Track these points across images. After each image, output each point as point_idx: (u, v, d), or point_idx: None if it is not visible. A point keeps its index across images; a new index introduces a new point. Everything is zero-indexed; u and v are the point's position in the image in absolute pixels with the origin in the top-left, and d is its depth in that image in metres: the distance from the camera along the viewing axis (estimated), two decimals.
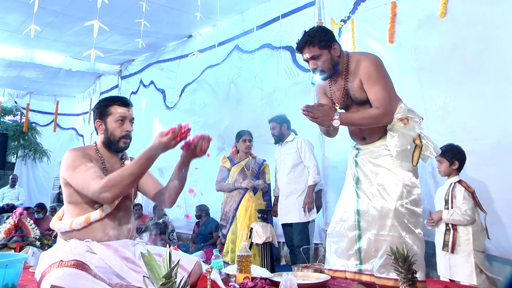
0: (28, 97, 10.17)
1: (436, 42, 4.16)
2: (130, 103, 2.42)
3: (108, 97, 2.45)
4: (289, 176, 4.53)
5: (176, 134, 2.03)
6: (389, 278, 2.19)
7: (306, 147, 4.51)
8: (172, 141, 2.04)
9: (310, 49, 2.39)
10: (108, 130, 2.33)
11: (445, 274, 3.28)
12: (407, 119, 2.36)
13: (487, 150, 3.63)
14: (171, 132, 2.02)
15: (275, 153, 4.78)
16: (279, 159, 4.68)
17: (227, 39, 6.64)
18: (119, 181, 2.06)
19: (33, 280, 2.52)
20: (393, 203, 2.25)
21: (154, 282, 1.37)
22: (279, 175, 4.69)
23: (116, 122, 2.32)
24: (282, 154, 4.63)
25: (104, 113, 2.34)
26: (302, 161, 4.50)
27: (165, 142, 2.02)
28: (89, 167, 2.17)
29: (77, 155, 2.24)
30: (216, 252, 2.84)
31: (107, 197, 2.08)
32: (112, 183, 2.06)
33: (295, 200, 4.44)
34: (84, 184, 2.13)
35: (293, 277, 2.33)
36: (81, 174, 2.15)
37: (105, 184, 2.06)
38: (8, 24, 6.57)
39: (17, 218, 3.64)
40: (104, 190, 2.06)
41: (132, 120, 2.40)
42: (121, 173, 2.09)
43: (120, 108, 2.34)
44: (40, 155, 10.81)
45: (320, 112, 2.29)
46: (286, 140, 4.63)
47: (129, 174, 2.07)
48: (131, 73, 9.02)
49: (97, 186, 2.07)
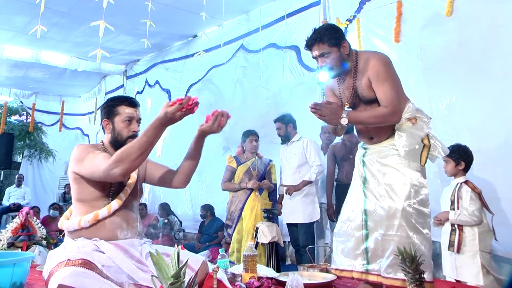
0: (34, 97, 10.22)
1: (442, 41, 4.14)
2: (137, 104, 2.43)
3: (116, 97, 2.45)
4: (294, 176, 4.53)
5: (182, 106, 2.01)
6: (397, 279, 2.18)
7: (312, 147, 4.51)
8: (178, 111, 2.02)
9: (319, 46, 2.38)
10: (116, 129, 2.34)
11: (451, 275, 3.26)
12: (415, 118, 2.35)
13: (494, 150, 3.62)
14: (178, 103, 2.01)
15: (281, 152, 4.79)
16: (285, 159, 4.68)
17: (232, 38, 6.65)
18: (128, 155, 2.04)
19: (40, 279, 2.54)
20: (400, 203, 2.24)
21: (162, 282, 1.37)
22: (284, 175, 4.69)
23: (123, 122, 2.33)
24: (288, 154, 4.63)
25: (111, 113, 2.35)
26: (307, 161, 4.51)
27: (170, 112, 2.02)
28: (97, 153, 2.20)
29: (85, 148, 2.27)
30: (222, 252, 2.84)
31: (117, 173, 2.05)
32: (120, 157, 2.04)
33: (299, 200, 4.45)
34: (94, 168, 2.13)
35: (299, 277, 2.33)
36: (89, 161, 2.17)
37: (114, 159, 2.05)
38: (14, 24, 6.61)
39: (23, 218, 3.65)
40: (113, 166, 2.04)
41: (139, 120, 2.41)
42: (130, 147, 2.07)
43: (128, 109, 2.34)
44: (46, 154, 10.87)
45: (328, 110, 2.29)
46: (292, 140, 4.63)
47: (138, 147, 2.05)
48: (136, 73, 9.04)
49: (106, 164, 2.06)
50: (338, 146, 4.61)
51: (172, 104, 2.02)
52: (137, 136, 2.35)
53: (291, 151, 4.61)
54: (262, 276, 2.66)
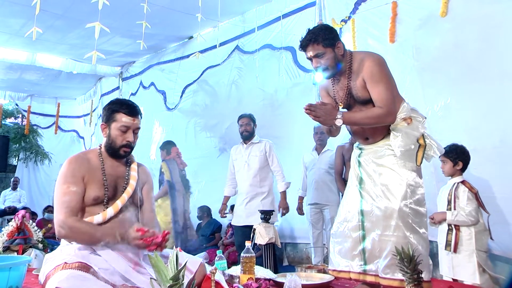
0: (29, 100, 10.17)
1: (437, 42, 4.16)
2: (137, 112, 2.37)
3: (118, 101, 2.39)
4: (255, 178, 4.50)
5: (146, 243, 2.04)
6: (394, 279, 2.18)
7: (274, 151, 4.54)
8: (142, 245, 2.05)
9: (314, 47, 2.38)
10: (111, 136, 2.32)
11: (448, 274, 3.28)
12: (410, 118, 2.35)
13: (489, 149, 3.63)
14: (143, 242, 2.04)
15: (235, 152, 4.72)
16: (241, 160, 4.62)
17: (228, 39, 6.65)
18: (80, 234, 2.11)
19: (36, 282, 2.52)
20: (397, 203, 2.24)
21: (161, 284, 1.37)
22: (240, 176, 4.63)
23: (118, 130, 2.30)
24: (247, 155, 4.58)
25: (109, 118, 2.33)
26: (268, 164, 4.52)
27: (133, 243, 2.06)
28: (68, 192, 2.18)
29: (68, 171, 2.24)
30: (220, 253, 2.84)
31: (60, 233, 2.12)
32: (74, 228, 2.10)
33: (259, 203, 4.43)
34: (56, 206, 2.18)
35: (297, 278, 2.32)
36: (59, 195, 2.19)
37: (68, 223, 2.10)
38: (9, 26, 6.58)
39: (19, 221, 3.62)
40: (63, 227, 2.10)
41: (137, 129, 2.37)
42: (88, 230, 2.12)
43: (125, 117, 2.30)
44: (42, 157, 10.83)
45: (323, 111, 2.29)
46: (252, 142, 4.61)
47: (91, 237, 2.10)
48: (131, 75, 9.02)
49: (62, 217, 2.11)
50: (346, 147, 4.62)
51: (140, 239, 2.04)
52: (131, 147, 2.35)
53: (251, 153, 4.56)
54: (259, 278, 2.66)
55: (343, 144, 4.72)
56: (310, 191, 4.95)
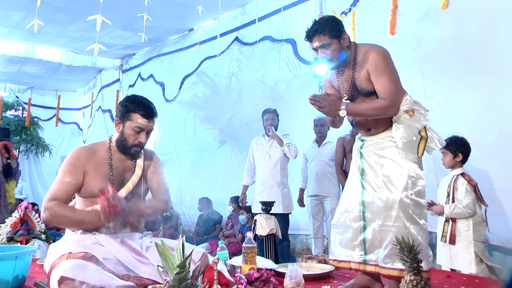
0: (30, 92, 10.18)
1: (438, 34, 4.16)
2: (154, 115, 2.38)
3: (136, 101, 2.39)
4: (275, 168, 4.70)
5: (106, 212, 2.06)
6: (394, 268, 2.21)
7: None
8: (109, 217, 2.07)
9: (320, 37, 2.39)
10: (124, 133, 2.35)
11: (446, 264, 3.32)
12: (412, 111, 2.37)
13: (490, 142, 3.65)
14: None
15: (257, 143, 4.90)
16: (262, 150, 4.80)
17: (228, 30, 6.63)
18: (58, 217, 2.20)
19: (41, 272, 2.55)
20: (398, 194, 2.26)
21: (168, 271, 1.40)
22: (260, 166, 4.81)
23: (132, 130, 2.33)
24: (269, 147, 4.77)
25: (125, 115, 2.35)
26: (287, 157, 4.72)
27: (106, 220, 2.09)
28: (61, 182, 2.23)
29: (70, 160, 2.29)
30: (222, 244, 2.87)
31: (43, 216, 2.20)
32: (52, 211, 2.16)
33: (279, 192, 4.61)
34: (49, 190, 2.24)
35: (298, 268, 2.36)
36: (54, 181, 2.27)
37: (48, 206, 2.16)
38: (9, 19, 6.58)
39: (22, 212, 3.66)
40: (44, 211, 2.17)
41: (150, 131, 2.40)
42: (67, 214, 2.19)
43: (141, 119, 2.33)
44: (42, 149, 10.84)
45: (327, 102, 2.31)
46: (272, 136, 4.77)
47: (70, 220, 2.21)
48: (131, 67, 9.02)
49: (44, 202, 2.19)
50: (347, 138, 4.66)
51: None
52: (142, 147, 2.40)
53: (272, 144, 4.76)
54: (261, 268, 2.69)
55: (344, 136, 4.75)
56: (310, 183, 5.00)
